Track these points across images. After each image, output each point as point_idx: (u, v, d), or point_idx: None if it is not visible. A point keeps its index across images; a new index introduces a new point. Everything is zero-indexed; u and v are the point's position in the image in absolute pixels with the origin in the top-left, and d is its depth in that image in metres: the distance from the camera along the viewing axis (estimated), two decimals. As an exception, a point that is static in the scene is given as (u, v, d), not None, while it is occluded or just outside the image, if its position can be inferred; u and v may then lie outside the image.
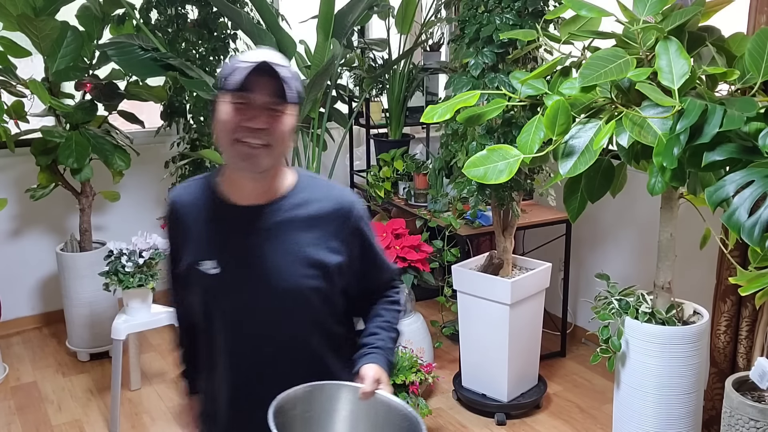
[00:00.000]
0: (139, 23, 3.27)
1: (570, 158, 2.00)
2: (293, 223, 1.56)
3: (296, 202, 1.57)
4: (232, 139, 1.46)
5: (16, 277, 3.83)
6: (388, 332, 1.67)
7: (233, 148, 1.46)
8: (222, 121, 1.47)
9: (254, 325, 1.56)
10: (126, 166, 3.42)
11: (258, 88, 1.45)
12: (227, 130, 1.46)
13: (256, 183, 1.53)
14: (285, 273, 1.55)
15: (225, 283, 1.55)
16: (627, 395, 2.48)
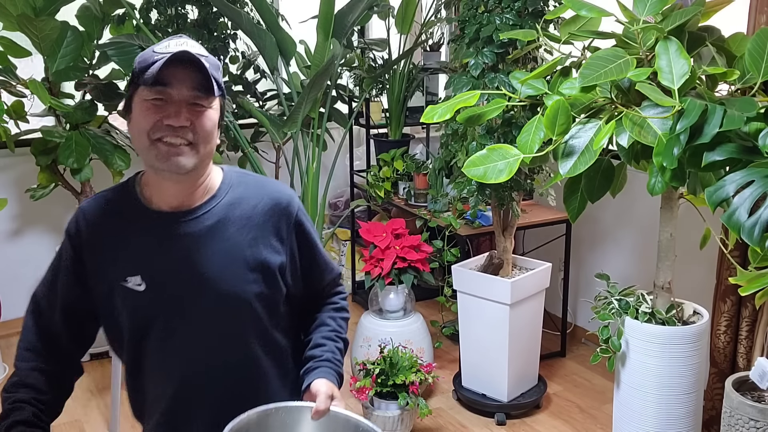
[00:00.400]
0: (139, 23, 3.27)
1: (570, 158, 2.00)
2: (227, 224, 1.43)
3: (228, 202, 1.45)
4: (151, 139, 1.33)
5: (16, 277, 3.83)
6: (335, 342, 1.55)
7: (153, 148, 1.33)
8: (138, 119, 1.34)
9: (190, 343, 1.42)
10: (126, 166, 3.42)
11: (177, 82, 1.32)
12: (144, 129, 1.33)
13: (180, 185, 1.39)
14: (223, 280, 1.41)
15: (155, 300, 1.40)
16: (627, 395, 2.48)
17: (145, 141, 1.34)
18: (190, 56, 1.31)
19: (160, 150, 1.33)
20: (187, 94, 1.33)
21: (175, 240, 1.41)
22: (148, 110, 1.33)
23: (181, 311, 1.41)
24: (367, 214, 4.21)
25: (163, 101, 1.33)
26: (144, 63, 1.33)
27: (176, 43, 1.35)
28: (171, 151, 1.33)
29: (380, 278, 3.14)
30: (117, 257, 1.41)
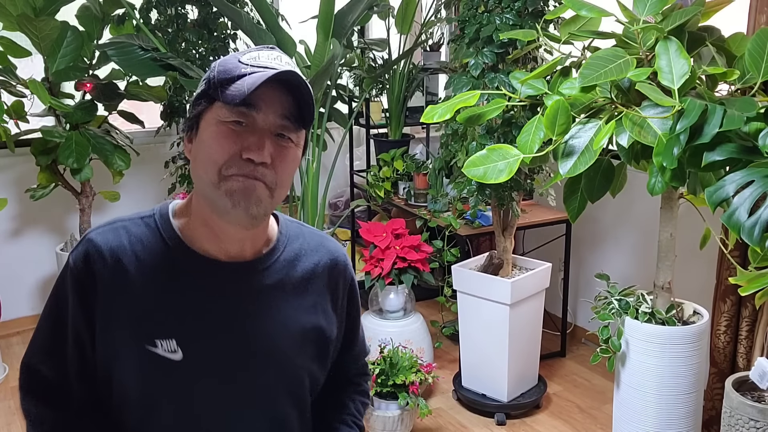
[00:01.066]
0: (139, 23, 3.27)
1: (570, 158, 2.00)
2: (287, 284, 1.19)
3: (288, 257, 1.20)
4: (223, 175, 1.06)
5: (16, 277, 3.83)
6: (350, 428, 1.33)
7: (223, 185, 1.06)
8: (210, 145, 1.07)
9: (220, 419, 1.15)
10: (126, 166, 3.42)
11: (265, 105, 1.06)
12: (217, 161, 1.06)
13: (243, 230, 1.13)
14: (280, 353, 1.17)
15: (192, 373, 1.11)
16: (627, 395, 2.48)
17: (214, 176, 1.06)
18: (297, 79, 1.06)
19: (234, 189, 1.06)
20: (275, 123, 1.07)
21: (227, 298, 1.14)
22: (225, 136, 1.06)
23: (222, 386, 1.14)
24: (367, 214, 4.21)
25: (243, 127, 1.06)
26: (227, 74, 1.07)
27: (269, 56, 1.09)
28: (247, 191, 1.06)
29: (380, 278, 3.14)
30: (143, 312, 1.11)
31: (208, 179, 1.07)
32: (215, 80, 1.08)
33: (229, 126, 1.06)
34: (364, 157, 4.25)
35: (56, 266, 3.67)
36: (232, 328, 1.14)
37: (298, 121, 1.10)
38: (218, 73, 1.08)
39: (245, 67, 1.07)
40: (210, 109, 1.08)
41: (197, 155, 1.10)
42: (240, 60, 1.09)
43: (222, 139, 1.06)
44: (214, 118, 1.07)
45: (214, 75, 1.09)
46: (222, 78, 1.07)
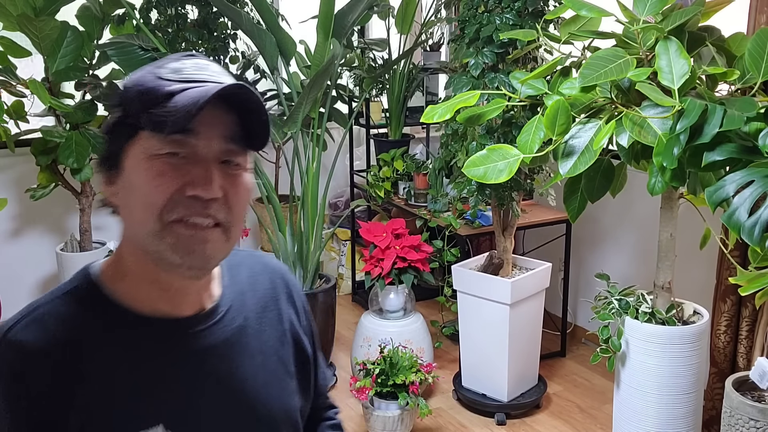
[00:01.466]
0: (139, 23, 3.26)
1: (570, 158, 2.00)
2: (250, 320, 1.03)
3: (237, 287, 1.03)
4: (165, 222, 0.87)
5: (16, 277, 3.83)
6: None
7: (167, 234, 0.87)
8: (140, 188, 0.87)
9: None
10: (126, 166, 3.42)
11: (207, 128, 0.87)
12: (152, 203, 0.86)
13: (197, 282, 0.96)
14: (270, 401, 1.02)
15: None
16: (627, 395, 2.48)
17: (154, 224, 0.87)
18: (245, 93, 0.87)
19: (180, 237, 0.87)
20: (219, 148, 0.89)
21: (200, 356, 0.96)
22: (161, 173, 0.86)
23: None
24: (367, 214, 4.21)
25: (181, 158, 0.87)
26: (149, 94, 0.86)
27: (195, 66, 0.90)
28: (196, 236, 0.88)
29: (380, 278, 3.14)
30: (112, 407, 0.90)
31: (146, 230, 0.87)
32: (134, 103, 0.87)
33: (164, 159, 0.86)
34: (364, 157, 4.25)
35: (56, 266, 3.67)
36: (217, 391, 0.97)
37: (244, 141, 0.90)
38: (137, 94, 0.87)
39: (170, 83, 0.86)
40: (134, 142, 0.87)
41: (127, 201, 0.89)
42: (160, 76, 0.88)
43: (157, 178, 0.86)
44: (141, 152, 0.86)
45: (131, 97, 0.88)
46: (143, 100, 0.86)
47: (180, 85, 0.86)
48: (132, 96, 0.88)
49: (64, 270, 3.54)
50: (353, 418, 3.07)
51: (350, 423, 3.05)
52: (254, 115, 0.89)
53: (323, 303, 3.22)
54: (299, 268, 3.26)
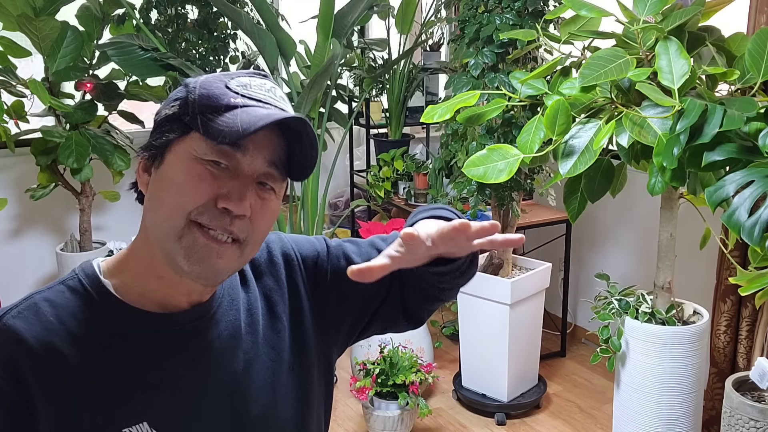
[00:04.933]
0: (139, 23, 3.26)
1: (570, 158, 2.00)
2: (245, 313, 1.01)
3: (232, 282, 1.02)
4: (189, 220, 0.87)
5: (16, 277, 3.83)
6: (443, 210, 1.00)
7: (186, 235, 0.87)
8: (178, 183, 0.88)
9: None
10: (126, 166, 3.42)
11: (256, 147, 0.88)
12: (183, 203, 0.87)
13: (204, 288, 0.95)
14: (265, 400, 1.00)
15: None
16: (627, 395, 2.48)
17: (178, 222, 0.87)
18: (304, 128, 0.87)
19: (197, 243, 0.87)
20: (260, 169, 0.89)
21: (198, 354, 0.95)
22: (201, 178, 0.87)
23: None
24: (367, 214, 4.21)
25: (222, 168, 0.88)
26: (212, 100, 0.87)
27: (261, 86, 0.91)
28: (211, 248, 0.88)
29: (380, 278, 3.13)
30: (99, 400, 0.89)
31: (169, 227, 0.87)
32: (195, 105, 0.87)
33: (207, 166, 0.87)
34: (364, 157, 4.25)
35: (56, 266, 3.67)
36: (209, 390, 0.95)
37: (286, 169, 0.91)
38: (200, 96, 0.88)
39: (235, 96, 0.87)
40: (183, 140, 0.88)
41: (158, 194, 0.89)
42: (228, 85, 0.89)
43: (196, 181, 0.86)
44: (187, 151, 0.87)
45: (194, 98, 0.88)
46: (205, 104, 0.87)
47: (243, 99, 0.87)
48: (195, 97, 0.88)
49: (64, 270, 3.54)
50: (353, 418, 3.07)
51: (350, 423, 3.05)
52: (305, 149, 0.90)
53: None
54: (299, 268, 3.26)
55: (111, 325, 0.91)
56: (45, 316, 0.90)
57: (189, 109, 0.88)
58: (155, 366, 0.92)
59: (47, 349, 0.88)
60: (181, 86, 0.92)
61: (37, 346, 0.88)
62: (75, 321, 0.90)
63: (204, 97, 0.87)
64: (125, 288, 0.93)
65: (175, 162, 0.88)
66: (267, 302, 1.04)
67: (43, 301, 0.91)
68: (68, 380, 0.88)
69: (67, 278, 0.95)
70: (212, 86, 0.89)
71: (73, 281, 0.94)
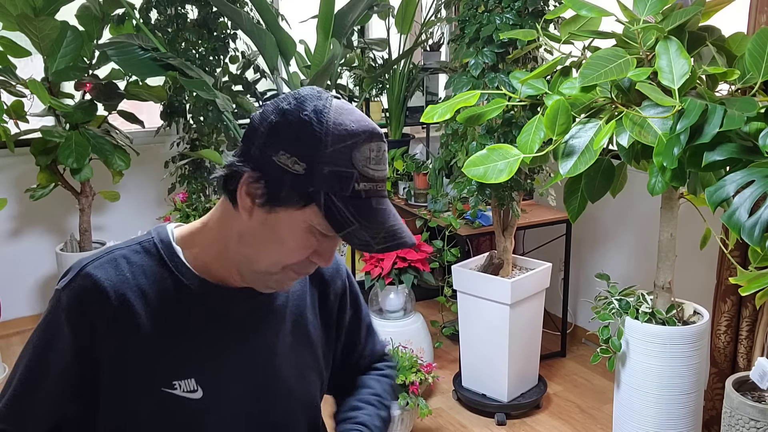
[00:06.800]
0: (139, 23, 3.26)
1: (570, 158, 2.00)
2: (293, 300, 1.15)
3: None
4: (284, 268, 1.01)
5: (16, 277, 3.83)
6: (377, 408, 1.23)
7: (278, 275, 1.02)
8: (289, 245, 0.98)
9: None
10: (126, 166, 3.42)
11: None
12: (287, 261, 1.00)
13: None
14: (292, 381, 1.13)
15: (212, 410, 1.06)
16: (627, 395, 2.48)
17: (276, 269, 1.01)
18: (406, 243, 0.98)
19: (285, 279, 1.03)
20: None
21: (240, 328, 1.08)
22: (309, 245, 0.99)
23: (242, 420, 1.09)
24: (367, 214, 4.20)
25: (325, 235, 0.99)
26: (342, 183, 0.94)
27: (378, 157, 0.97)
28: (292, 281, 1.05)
29: (380, 278, 3.13)
30: (157, 351, 1.03)
31: (266, 269, 1.01)
32: (324, 182, 0.93)
33: (316, 236, 0.98)
34: (364, 157, 4.25)
35: (56, 266, 3.67)
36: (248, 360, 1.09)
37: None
38: (329, 174, 0.93)
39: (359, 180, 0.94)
40: (303, 210, 0.96)
41: (265, 241, 0.99)
42: (353, 159, 0.94)
43: (305, 248, 0.98)
44: (305, 221, 0.96)
45: (323, 174, 0.93)
46: (333, 185, 0.93)
47: (365, 185, 0.95)
48: (325, 174, 0.94)
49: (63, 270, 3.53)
50: (353, 418, 3.07)
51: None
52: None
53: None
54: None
55: (177, 287, 1.04)
56: (122, 271, 1.02)
57: (315, 182, 0.94)
58: (208, 331, 1.05)
59: (120, 299, 1.01)
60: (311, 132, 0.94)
61: (113, 295, 1.00)
62: (146, 279, 1.03)
63: (333, 175, 0.94)
64: (193, 258, 1.06)
65: (290, 226, 0.97)
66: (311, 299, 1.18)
67: (122, 258, 1.04)
68: (134, 329, 1.01)
69: (144, 240, 1.07)
70: (340, 157, 0.94)
71: (148, 243, 1.06)
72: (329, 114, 0.96)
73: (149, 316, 1.02)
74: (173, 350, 1.03)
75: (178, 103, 3.53)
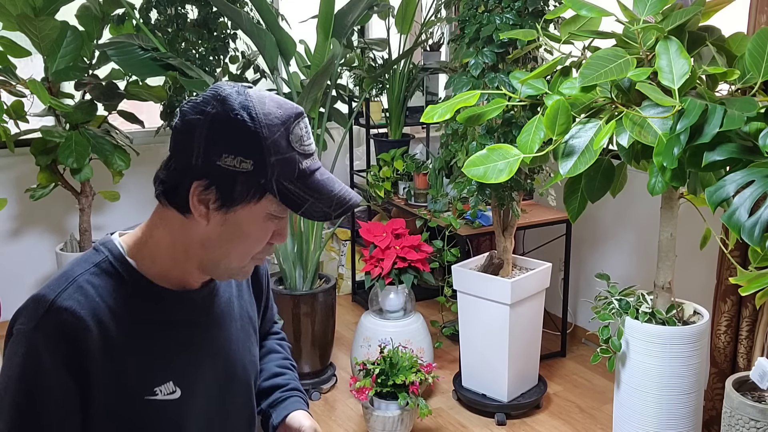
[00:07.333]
0: (139, 23, 3.26)
1: (570, 158, 2.00)
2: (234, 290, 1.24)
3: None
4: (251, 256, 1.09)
5: (16, 277, 3.83)
6: (292, 371, 1.39)
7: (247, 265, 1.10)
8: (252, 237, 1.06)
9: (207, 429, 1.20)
10: (126, 166, 3.42)
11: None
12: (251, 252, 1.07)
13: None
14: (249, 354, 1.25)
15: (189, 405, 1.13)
16: (627, 395, 2.48)
17: (245, 260, 1.09)
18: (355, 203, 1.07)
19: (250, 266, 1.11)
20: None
21: (202, 326, 1.17)
22: (269, 228, 1.06)
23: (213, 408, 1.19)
24: (367, 214, 4.21)
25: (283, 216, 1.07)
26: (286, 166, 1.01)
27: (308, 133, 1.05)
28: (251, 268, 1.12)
29: (380, 278, 3.13)
30: (136, 366, 1.08)
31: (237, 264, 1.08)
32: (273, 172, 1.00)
33: (275, 220, 1.05)
34: (364, 157, 4.25)
35: (56, 266, 3.67)
36: (212, 353, 1.17)
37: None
38: (276, 163, 1.00)
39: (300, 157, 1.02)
40: (259, 201, 1.02)
41: (230, 238, 1.05)
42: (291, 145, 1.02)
43: (266, 234, 1.06)
44: (263, 212, 1.03)
45: (271, 163, 1.00)
46: (281, 172, 1.01)
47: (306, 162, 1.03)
48: (272, 162, 1.01)
49: (63, 270, 3.53)
50: (353, 418, 3.07)
51: (350, 423, 3.05)
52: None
53: (323, 303, 3.21)
54: (299, 268, 3.26)
55: (141, 301, 1.09)
56: (91, 296, 1.05)
57: (266, 174, 1.01)
58: (176, 334, 1.12)
59: (97, 324, 1.04)
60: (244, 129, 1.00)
61: (90, 321, 1.03)
62: (112, 299, 1.06)
63: (279, 164, 1.01)
64: (146, 268, 1.10)
65: (251, 219, 1.04)
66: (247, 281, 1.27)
67: (87, 283, 1.06)
68: (112, 350, 1.04)
69: (99, 260, 1.09)
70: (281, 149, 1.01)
71: (105, 263, 1.09)
72: (256, 107, 1.01)
73: (123, 334, 1.06)
74: (150, 360, 1.08)
75: (178, 103, 3.53)
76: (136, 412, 1.08)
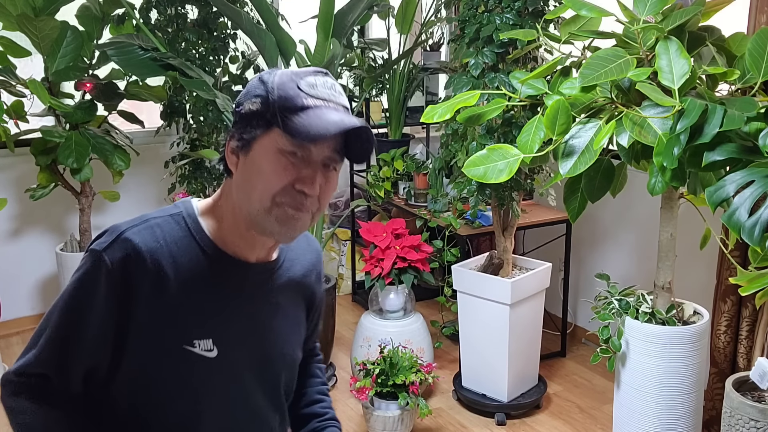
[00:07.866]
0: (139, 23, 3.26)
1: (570, 158, 2.00)
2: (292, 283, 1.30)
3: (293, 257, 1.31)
4: (275, 201, 1.11)
5: (16, 277, 3.83)
6: (329, 398, 1.47)
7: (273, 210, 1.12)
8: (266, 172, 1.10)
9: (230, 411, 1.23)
10: (126, 166, 3.42)
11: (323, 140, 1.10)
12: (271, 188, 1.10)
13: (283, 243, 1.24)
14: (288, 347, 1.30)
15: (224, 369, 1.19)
16: (627, 395, 2.48)
17: (267, 202, 1.11)
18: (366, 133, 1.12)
19: (285, 215, 1.12)
20: (326, 156, 1.13)
21: (254, 297, 1.22)
22: (284, 168, 1.10)
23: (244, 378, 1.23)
24: (367, 214, 4.21)
25: (298, 157, 1.10)
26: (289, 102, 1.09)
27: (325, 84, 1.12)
28: (295, 221, 1.13)
29: (380, 278, 3.13)
30: (181, 313, 1.14)
31: (260, 205, 1.12)
32: (275, 105, 1.09)
33: (288, 157, 1.10)
34: (364, 157, 4.25)
35: (56, 266, 3.67)
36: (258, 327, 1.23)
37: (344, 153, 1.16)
38: (279, 98, 1.09)
39: (306, 97, 1.10)
40: (267, 134, 1.10)
41: (249, 177, 1.12)
42: (299, 86, 1.10)
43: (281, 171, 1.10)
44: (272, 145, 1.10)
45: (273, 99, 1.10)
46: (283, 105, 1.09)
47: (314, 101, 1.09)
48: (275, 97, 1.10)
49: (64, 270, 3.54)
50: (353, 418, 3.07)
51: (350, 423, 3.05)
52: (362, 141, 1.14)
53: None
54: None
55: (202, 259, 1.16)
56: (157, 238, 1.13)
57: (270, 108, 1.09)
58: (225, 298, 1.18)
59: (155, 263, 1.12)
60: (258, 81, 1.13)
61: (149, 259, 1.11)
62: (176, 247, 1.14)
63: (282, 99, 1.09)
64: (214, 231, 1.18)
65: (263, 153, 1.10)
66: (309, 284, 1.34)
67: (156, 226, 1.15)
68: (164, 291, 1.12)
69: (174, 212, 1.19)
70: (287, 88, 1.10)
71: (178, 216, 1.18)
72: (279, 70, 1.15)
73: (177, 280, 1.13)
74: (196, 312, 1.15)
75: (178, 103, 3.53)
76: (172, 358, 1.14)
